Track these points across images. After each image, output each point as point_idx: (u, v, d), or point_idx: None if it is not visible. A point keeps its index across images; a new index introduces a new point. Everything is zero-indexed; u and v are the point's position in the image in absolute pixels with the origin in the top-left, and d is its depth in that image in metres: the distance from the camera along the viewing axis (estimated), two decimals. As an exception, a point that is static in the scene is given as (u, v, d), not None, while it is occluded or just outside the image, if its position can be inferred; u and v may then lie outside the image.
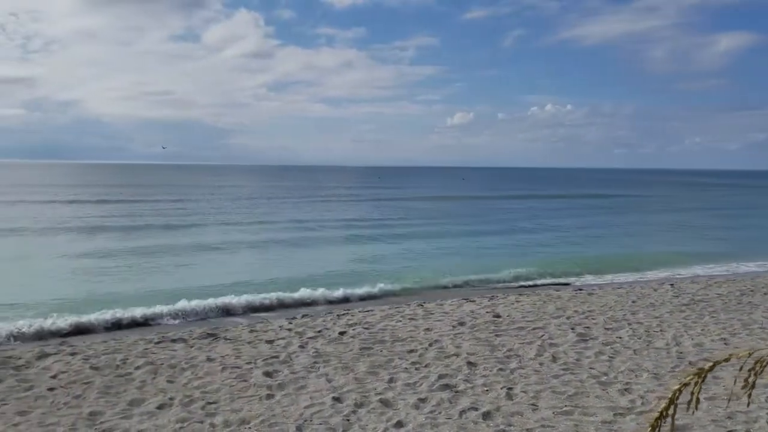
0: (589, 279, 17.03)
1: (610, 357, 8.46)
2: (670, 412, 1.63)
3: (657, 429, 1.66)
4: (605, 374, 7.67)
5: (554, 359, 8.35)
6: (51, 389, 7.27)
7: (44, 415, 6.42)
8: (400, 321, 10.86)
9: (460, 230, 29.59)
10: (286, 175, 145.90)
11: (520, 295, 13.83)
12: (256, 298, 13.39)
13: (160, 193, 59.19)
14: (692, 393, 1.63)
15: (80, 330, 11.19)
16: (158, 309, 12.33)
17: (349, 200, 53.45)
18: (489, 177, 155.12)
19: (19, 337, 10.59)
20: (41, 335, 10.78)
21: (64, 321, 11.30)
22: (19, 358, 8.67)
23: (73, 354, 8.93)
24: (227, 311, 12.71)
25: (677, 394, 1.65)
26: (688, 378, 1.66)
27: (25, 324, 11.00)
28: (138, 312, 12.11)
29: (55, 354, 8.93)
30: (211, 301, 12.89)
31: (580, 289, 14.68)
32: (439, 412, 6.37)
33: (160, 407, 6.59)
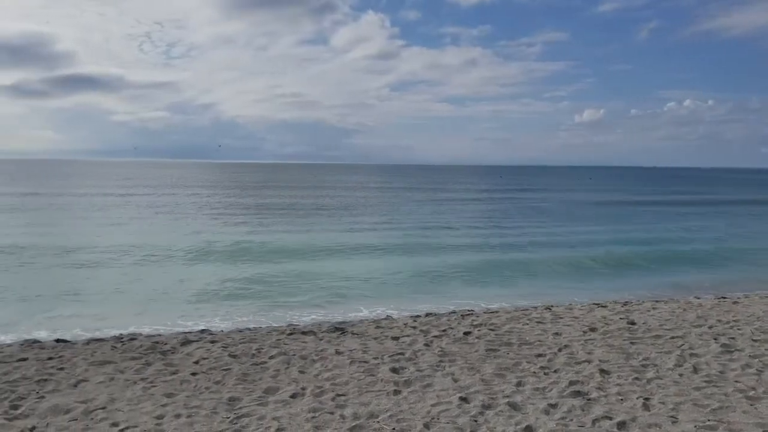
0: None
1: (758, 371, 7.81)
2: None
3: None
4: (753, 389, 7.09)
5: (695, 370, 7.83)
6: (194, 374, 7.76)
7: (188, 398, 6.85)
8: (527, 324, 10.62)
9: (591, 235, 28.39)
10: (414, 174, 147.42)
11: (657, 301, 13.10)
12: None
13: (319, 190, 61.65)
14: None
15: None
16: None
17: (473, 201, 53.00)
18: (619, 177, 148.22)
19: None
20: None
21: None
22: (165, 344, 9.35)
23: (213, 342, 9.50)
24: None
25: None
26: None
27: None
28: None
29: (197, 341, 9.55)
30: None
31: (724, 297, 13.67)
32: (571, 419, 6.16)
33: (293, 396, 6.85)
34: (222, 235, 24.55)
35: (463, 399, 6.68)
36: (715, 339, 9.44)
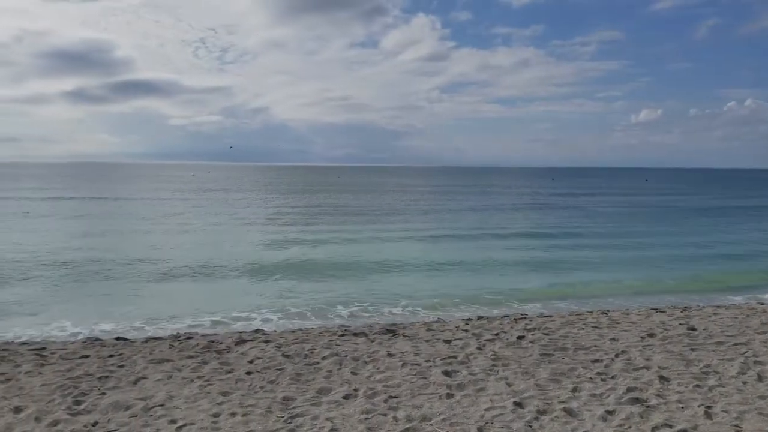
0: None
1: (827, 380, 7.46)
2: None
3: None
4: (824, 400, 6.77)
5: (760, 379, 7.53)
6: (249, 373, 7.88)
7: (243, 396, 6.96)
8: (583, 329, 10.41)
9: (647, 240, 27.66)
10: (466, 176, 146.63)
11: (718, 307, 12.67)
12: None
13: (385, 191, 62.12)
14: None
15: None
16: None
17: (527, 205, 52.34)
18: (678, 179, 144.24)
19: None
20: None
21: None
22: (221, 343, 9.52)
23: (266, 341, 9.63)
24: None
25: None
26: None
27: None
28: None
29: (252, 341, 9.69)
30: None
31: (790, 304, 13.12)
32: (629, 426, 5.99)
33: (346, 397, 6.87)
34: (276, 235, 24.95)
35: (518, 404, 6.58)
36: (781, 347, 9.07)
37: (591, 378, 7.58)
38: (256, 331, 10.74)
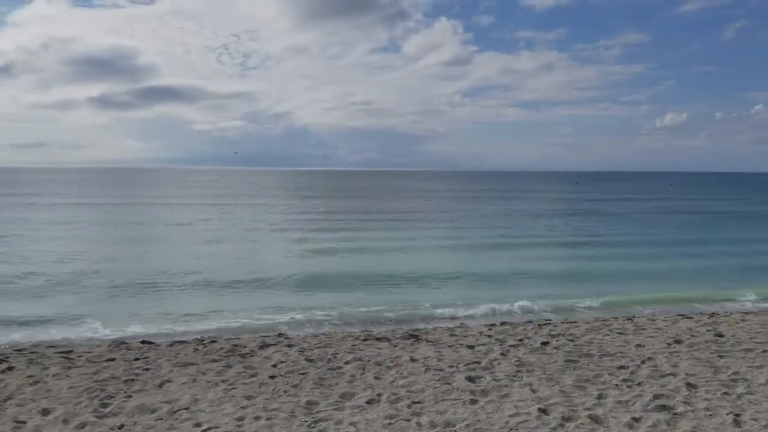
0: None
1: None
2: None
3: None
4: None
5: (791, 387, 7.38)
6: (272, 377, 7.91)
7: (267, 400, 6.98)
8: (608, 335, 10.29)
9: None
10: (489, 181, 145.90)
11: (746, 313, 12.46)
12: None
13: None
14: None
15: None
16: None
17: (549, 210, 51.92)
18: (704, 183, 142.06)
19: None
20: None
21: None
22: (244, 347, 9.57)
23: (289, 345, 9.66)
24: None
25: None
26: None
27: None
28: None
29: (275, 345, 9.73)
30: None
31: (821, 311, 12.85)
32: (656, 435, 5.91)
33: (369, 402, 6.86)
34: (305, 243, 24.90)
35: (542, 410, 6.52)
36: (812, 354, 8.88)
37: (617, 385, 7.49)
38: (279, 335, 10.79)
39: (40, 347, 9.83)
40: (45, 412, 6.59)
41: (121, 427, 6.18)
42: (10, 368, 8.36)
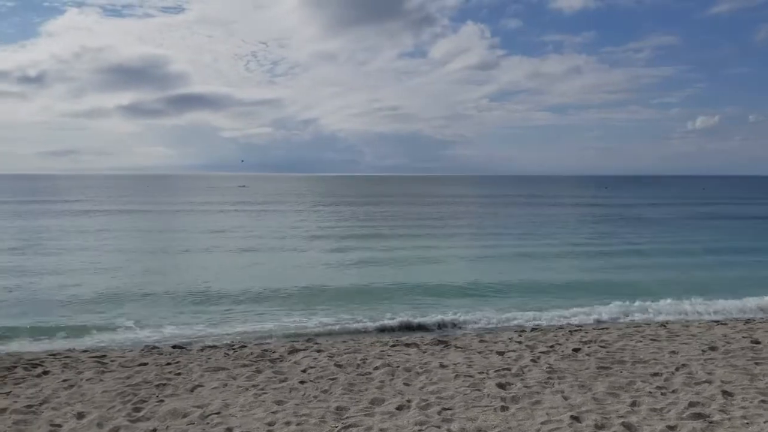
0: None
1: None
2: None
3: None
4: None
5: (832, 396, 7.17)
6: (302, 382, 7.93)
7: (297, 405, 7.00)
8: (641, 341, 10.12)
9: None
10: (519, 185, 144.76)
11: (784, 320, 12.15)
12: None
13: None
14: None
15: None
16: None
17: (582, 215, 51.33)
18: (736, 186, 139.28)
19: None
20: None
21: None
22: (274, 352, 9.62)
23: (319, 351, 9.69)
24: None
25: None
26: None
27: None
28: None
29: (304, 350, 9.77)
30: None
31: None
32: (693, 444, 5.78)
33: (399, 408, 6.83)
34: (337, 253, 24.84)
35: (575, 418, 6.43)
36: None
37: (650, 392, 7.35)
38: (309, 340, 10.82)
39: (74, 352, 10.00)
40: (80, 415, 6.69)
41: (153, 431, 6.24)
42: (45, 372, 8.53)
